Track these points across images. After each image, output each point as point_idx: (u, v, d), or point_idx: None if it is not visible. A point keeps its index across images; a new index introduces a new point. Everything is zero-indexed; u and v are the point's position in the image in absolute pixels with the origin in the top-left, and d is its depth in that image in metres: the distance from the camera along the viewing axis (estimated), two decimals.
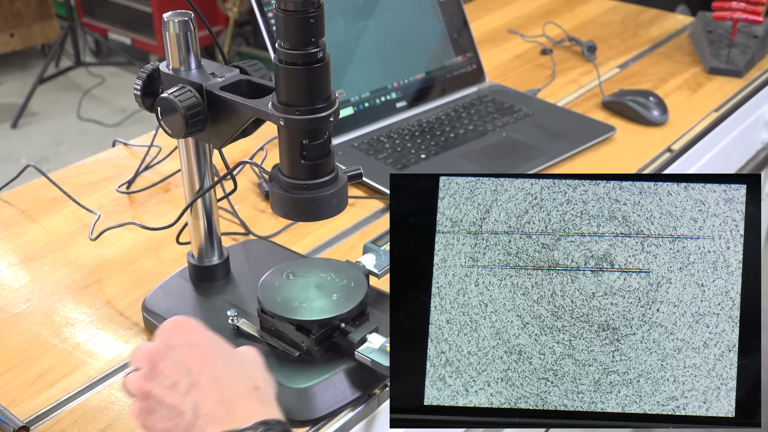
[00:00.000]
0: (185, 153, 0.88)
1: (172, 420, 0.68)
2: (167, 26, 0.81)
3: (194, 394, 0.67)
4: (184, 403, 0.67)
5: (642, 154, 1.33)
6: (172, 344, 0.70)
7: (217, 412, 0.66)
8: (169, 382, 0.68)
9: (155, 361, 0.69)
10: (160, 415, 0.69)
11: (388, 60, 1.40)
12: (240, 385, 0.69)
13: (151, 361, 0.70)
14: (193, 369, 0.69)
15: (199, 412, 0.67)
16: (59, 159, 3.26)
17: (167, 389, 0.68)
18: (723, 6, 1.60)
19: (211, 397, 0.67)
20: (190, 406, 0.67)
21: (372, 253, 0.92)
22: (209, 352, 0.70)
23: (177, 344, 0.70)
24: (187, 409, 0.67)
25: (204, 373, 0.68)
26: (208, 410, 0.66)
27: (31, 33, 3.91)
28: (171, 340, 0.71)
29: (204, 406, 0.67)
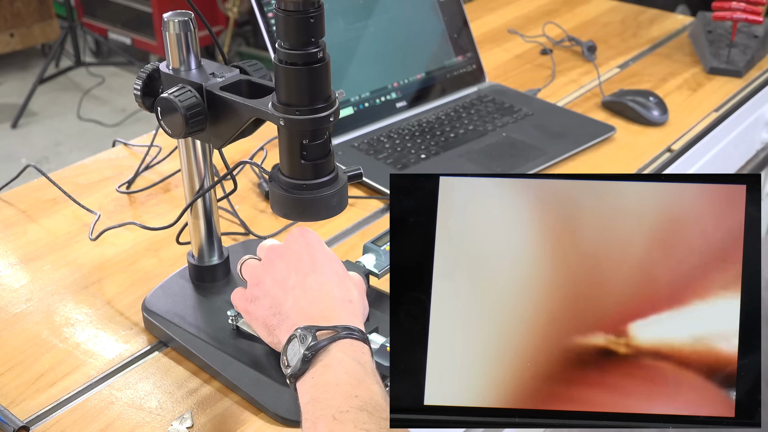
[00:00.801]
0: (185, 153, 0.88)
1: (270, 309, 0.78)
2: (167, 26, 0.81)
3: (297, 292, 0.76)
4: (286, 297, 0.76)
5: (642, 154, 1.33)
6: (292, 247, 0.80)
7: (311, 312, 0.74)
8: (280, 276, 0.78)
9: (273, 256, 0.80)
10: (261, 303, 0.79)
11: (388, 60, 1.40)
12: (337, 293, 0.77)
13: (270, 255, 0.81)
14: (302, 270, 0.78)
15: (297, 308, 0.75)
16: (59, 159, 3.26)
17: (276, 282, 0.78)
18: (723, 6, 1.60)
19: (310, 298, 0.75)
20: (291, 300, 0.76)
21: (372, 253, 0.92)
22: (321, 260, 0.79)
23: (296, 248, 0.80)
24: (287, 302, 0.76)
25: (310, 276, 0.77)
26: (304, 308, 0.75)
27: (31, 33, 3.92)
28: (293, 243, 0.81)
29: (302, 303, 0.75)
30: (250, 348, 0.86)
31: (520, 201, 0.73)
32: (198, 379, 0.87)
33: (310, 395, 0.69)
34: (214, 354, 0.86)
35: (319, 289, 0.76)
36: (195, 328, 0.89)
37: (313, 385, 0.69)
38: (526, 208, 0.73)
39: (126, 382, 0.87)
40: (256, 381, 0.83)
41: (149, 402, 0.84)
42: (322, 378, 0.69)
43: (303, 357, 0.70)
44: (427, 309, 0.73)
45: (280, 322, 0.76)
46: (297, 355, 0.71)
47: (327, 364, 0.70)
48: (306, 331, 0.71)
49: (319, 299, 0.75)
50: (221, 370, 0.85)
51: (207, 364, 0.86)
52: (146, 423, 0.82)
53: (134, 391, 0.86)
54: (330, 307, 0.75)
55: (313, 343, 0.70)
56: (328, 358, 0.70)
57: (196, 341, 0.88)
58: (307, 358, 0.70)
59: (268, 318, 0.78)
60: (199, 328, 0.89)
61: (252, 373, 0.84)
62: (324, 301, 0.75)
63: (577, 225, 0.72)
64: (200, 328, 0.89)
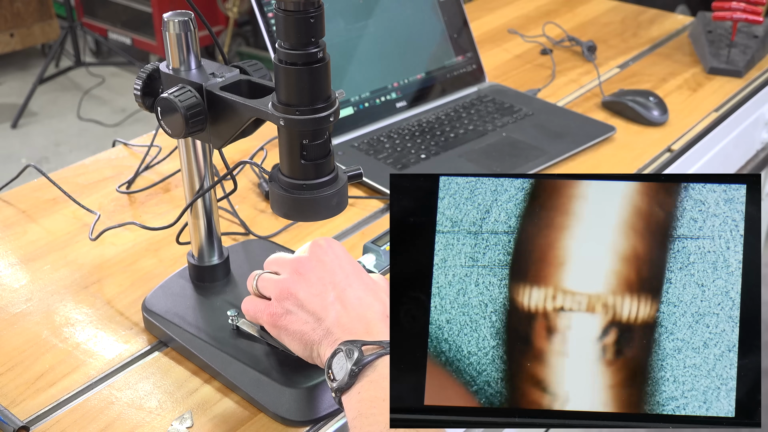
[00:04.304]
0: (185, 153, 0.88)
1: (308, 324, 0.76)
2: (167, 26, 0.81)
3: (337, 307, 0.75)
4: (328, 311, 0.75)
5: (642, 154, 1.33)
6: (322, 260, 0.78)
7: (354, 326, 0.74)
8: (316, 290, 0.76)
9: (304, 269, 0.78)
10: (296, 317, 0.76)
11: (388, 60, 1.40)
12: (377, 309, 0.75)
13: (298, 269, 0.78)
14: (339, 284, 0.76)
15: (339, 323, 0.74)
16: (59, 159, 3.26)
17: (313, 296, 0.76)
18: (723, 6, 1.60)
19: (351, 313, 0.75)
20: (333, 315, 0.74)
21: (372, 253, 0.92)
22: (353, 274, 0.78)
23: (327, 261, 0.78)
24: (329, 317, 0.75)
25: (348, 290, 0.76)
26: (347, 323, 0.74)
27: (31, 33, 3.92)
28: (322, 257, 0.79)
29: (344, 318, 0.74)
30: (250, 348, 0.86)
31: (520, 200, 0.73)
32: (198, 379, 0.87)
33: (357, 410, 0.69)
34: (214, 354, 0.86)
35: (359, 304, 0.75)
36: (195, 328, 0.89)
37: (359, 400, 0.69)
38: (526, 207, 0.73)
39: (126, 382, 0.87)
40: (256, 381, 0.83)
41: (149, 402, 0.84)
42: (368, 393, 0.69)
43: (350, 372, 0.70)
44: (427, 309, 0.73)
45: (322, 338, 0.75)
46: (344, 370, 0.70)
47: (373, 380, 0.70)
48: (352, 345, 0.71)
49: (360, 314, 0.75)
50: (221, 370, 0.85)
51: (207, 364, 0.87)
52: (146, 423, 0.82)
53: (134, 391, 0.86)
54: (372, 322, 0.74)
55: (359, 357, 0.70)
56: (375, 374, 0.70)
57: (196, 341, 0.88)
58: (354, 373, 0.70)
59: (308, 333, 0.76)
60: (199, 328, 0.89)
61: (252, 373, 0.83)
62: (366, 316, 0.75)
63: (577, 224, 0.72)
64: (200, 328, 0.89)
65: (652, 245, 0.71)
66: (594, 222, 0.71)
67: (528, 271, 0.71)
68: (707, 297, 0.72)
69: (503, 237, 0.74)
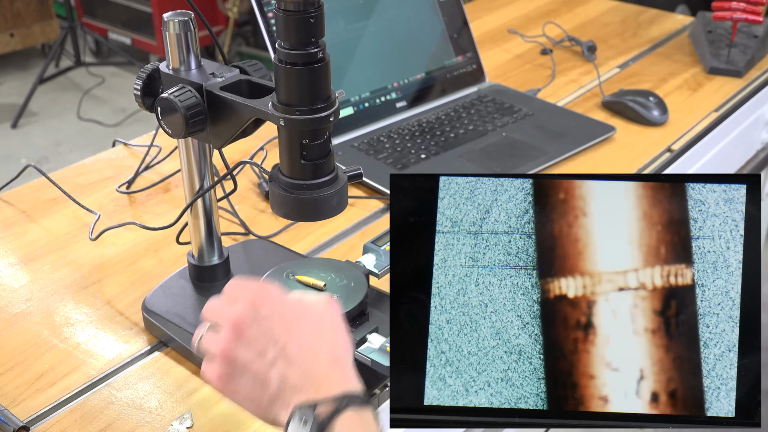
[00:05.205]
0: (185, 153, 0.88)
1: (255, 388, 0.69)
2: (167, 26, 0.81)
3: (281, 364, 0.68)
4: (271, 373, 0.68)
5: (642, 154, 1.33)
6: (260, 313, 0.70)
7: (303, 384, 0.68)
8: (256, 351, 0.69)
9: (242, 327, 0.70)
10: (243, 382, 0.70)
11: (388, 60, 1.40)
12: (324, 356, 0.69)
13: (237, 326, 0.70)
14: (280, 339, 0.69)
15: (286, 382, 0.68)
16: (59, 159, 3.26)
17: (255, 357, 0.69)
18: (723, 6, 1.60)
19: (297, 369, 0.68)
20: (277, 376, 0.68)
21: (372, 253, 0.92)
22: (294, 321, 0.71)
23: (265, 314, 0.70)
24: (274, 379, 0.68)
25: (290, 343, 0.69)
26: (295, 381, 0.68)
27: (31, 33, 3.91)
28: (259, 308, 0.71)
29: (291, 377, 0.68)
30: None
31: (520, 200, 0.73)
32: (198, 379, 0.87)
33: None
34: None
35: (304, 357, 0.69)
36: (195, 328, 0.89)
37: None
38: (526, 207, 0.73)
39: (126, 382, 0.87)
40: None
41: (149, 402, 0.84)
42: None
43: None
44: (427, 309, 0.73)
45: (272, 401, 0.70)
46: None
47: None
48: (306, 410, 0.66)
49: (307, 369, 0.69)
50: None
51: None
52: (146, 423, 0.82)
53: (134, 391, 0.86)
54: (320, 375, 0.68)
55: (314, 422, 0.65)
56: None
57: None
58: None
59: (257, 398, 0.70)
60: None
61: None
62: (313, 369, 0.69)
63: (577, 224, 0.72)
64: None
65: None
66: (605, 219, 0.71)
67: (554, 267, 0.71)
68: (707, 297, 0.72)
69: (503, 237, 0.74)
